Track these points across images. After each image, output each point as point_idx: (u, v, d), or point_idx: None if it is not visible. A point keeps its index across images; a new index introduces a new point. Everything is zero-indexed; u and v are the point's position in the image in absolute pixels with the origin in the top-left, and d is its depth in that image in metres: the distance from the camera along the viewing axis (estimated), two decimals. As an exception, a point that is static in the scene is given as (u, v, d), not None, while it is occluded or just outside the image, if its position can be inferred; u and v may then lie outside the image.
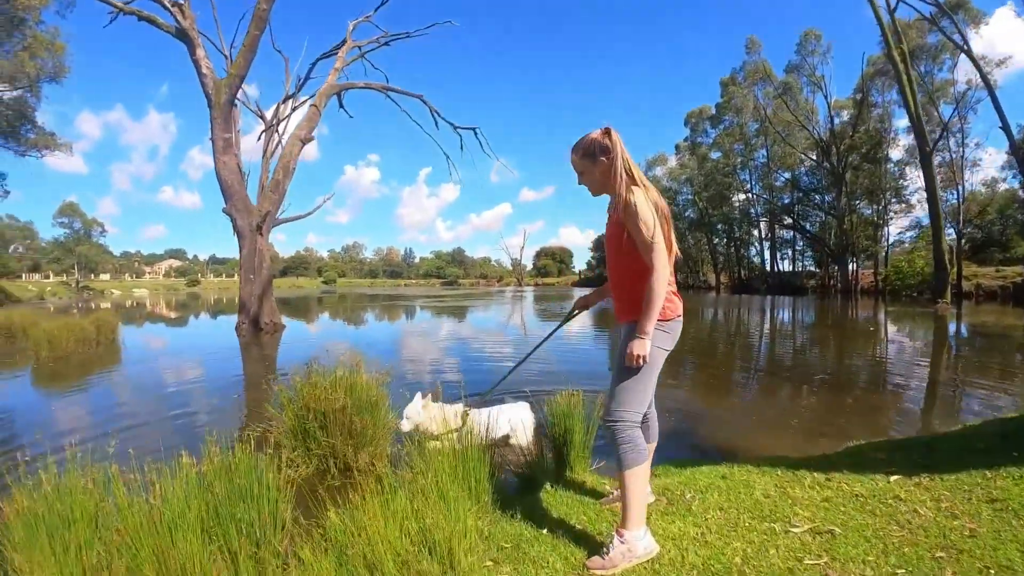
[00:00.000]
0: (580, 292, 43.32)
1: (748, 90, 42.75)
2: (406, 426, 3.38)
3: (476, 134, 17.10)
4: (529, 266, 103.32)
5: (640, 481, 2.08)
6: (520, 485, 2.90)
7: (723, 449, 3.80)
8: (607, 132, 2.14)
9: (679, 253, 2.21)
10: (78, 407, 5.57)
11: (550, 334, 2.94)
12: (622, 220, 2.07)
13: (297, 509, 2.23)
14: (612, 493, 2.66)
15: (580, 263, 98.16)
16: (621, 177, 2.08)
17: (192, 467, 2.00)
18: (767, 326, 15.73)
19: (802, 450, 3.69)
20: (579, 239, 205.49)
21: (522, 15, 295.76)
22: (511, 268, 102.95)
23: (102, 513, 1.92)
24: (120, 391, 6.28)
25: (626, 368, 2.09)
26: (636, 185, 2.07)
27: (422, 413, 3.37)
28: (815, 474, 2.97)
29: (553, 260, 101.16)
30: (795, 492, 2.73)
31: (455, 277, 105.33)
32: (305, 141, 14.74)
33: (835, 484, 2.83)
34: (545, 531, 2.30)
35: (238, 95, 15.51)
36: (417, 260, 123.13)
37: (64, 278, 65.09)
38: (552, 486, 2.79)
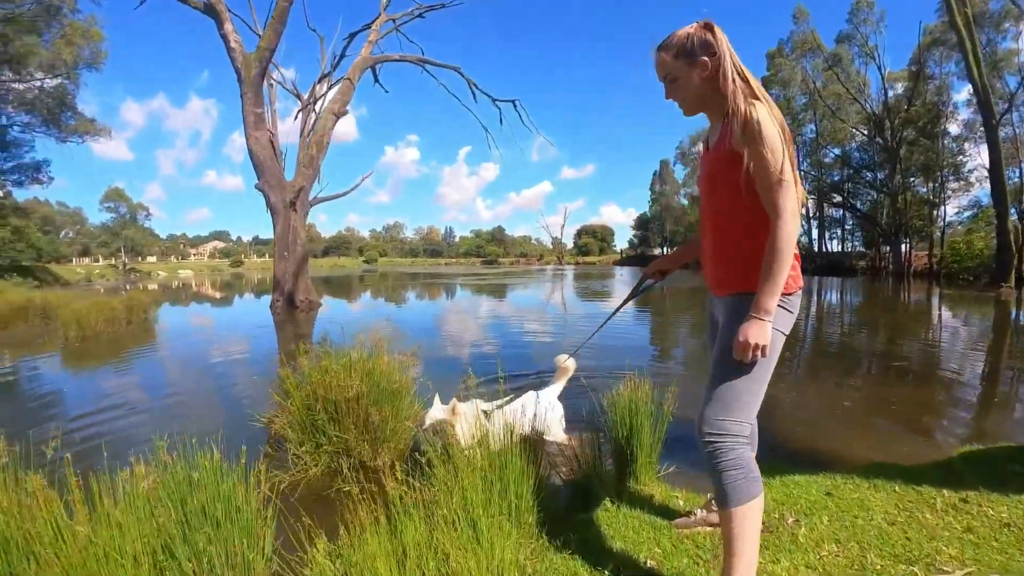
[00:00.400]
0: (622, 271, 42.52)
1: (796, 62, 40.40)
2: (439, 437, 2.55)
3: (515, 106, 16.49)
4: (569, 245, 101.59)
5: (754, 521, 1.47)
6: (572, 499, 2.32)
7: (813, 452, 3.13)
8: (708, 26, 1.51)
9: (804, 198, 1.55)
10: (81, 389, 5.31)
11: (620, 305, 2.39)
12: (735, 147, 1.43)
13: (278, 538, 1.70)
14: (694, 514, 2.06)
15: (621, 242, 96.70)
16: (735, 82, 1.44)
17: (141, 480, 1.51)
18: (820, 309, 14.69)
19: (906, 453, 3.04)
20: (620, 218, 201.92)
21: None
22: (551, 247, 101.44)
23: (27, 538, 1.46)
24: (132, 373, 5.96)
25: (735, 362, 1.48)
26: (757, 98, 1.44)
27: (449, 416, 2.69)
28: (944, 492, 2.34)
29: (594, 238, 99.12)
30: (926, 518, 2.12)
31: (495, 256, 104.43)
32: (339, 115, 14.40)
33: (974, 507, 2.21)
34: (608, 569, 1.74)
35: (276, 76, 15.27)
36: (457, 239, 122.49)
37: (112, 261, 67.27)
38: (613, 502, 2.22)
